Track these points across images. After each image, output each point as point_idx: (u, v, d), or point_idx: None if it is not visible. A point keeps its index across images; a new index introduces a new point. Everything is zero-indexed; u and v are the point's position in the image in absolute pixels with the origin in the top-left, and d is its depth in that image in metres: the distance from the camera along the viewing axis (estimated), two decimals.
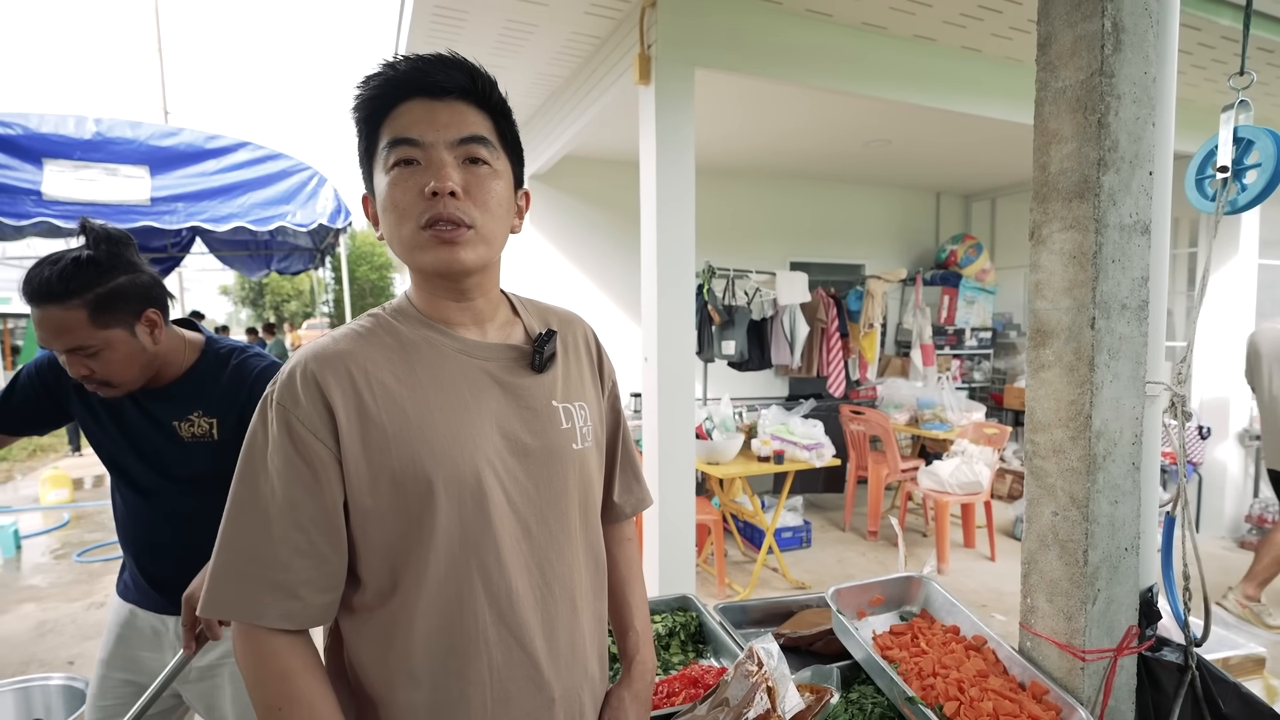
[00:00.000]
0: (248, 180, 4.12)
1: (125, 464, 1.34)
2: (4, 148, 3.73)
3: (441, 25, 3.01)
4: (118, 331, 1.18)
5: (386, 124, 0.74)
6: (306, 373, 0.72)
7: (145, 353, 1.23)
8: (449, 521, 0.72)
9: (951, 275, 5.94)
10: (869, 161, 5.18)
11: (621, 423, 0.99)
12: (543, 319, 0.90)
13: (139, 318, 1.21)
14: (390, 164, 0.72)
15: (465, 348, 0.79)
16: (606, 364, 0.97)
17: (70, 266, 1.14)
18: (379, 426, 0.71)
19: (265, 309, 23.25)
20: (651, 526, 2.84)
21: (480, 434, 0.75)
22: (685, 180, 2.70)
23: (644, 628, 0.98)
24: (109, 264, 1.18)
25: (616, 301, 5.06)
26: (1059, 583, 1.12)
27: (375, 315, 0.80)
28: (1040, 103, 1.14)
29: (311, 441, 0.70)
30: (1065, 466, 1.10)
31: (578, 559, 0.84)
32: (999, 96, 3.40)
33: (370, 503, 0.72)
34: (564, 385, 0.85)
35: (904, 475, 4.40)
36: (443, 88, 0.73)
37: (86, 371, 1.20)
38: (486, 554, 0.74)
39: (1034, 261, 1.16)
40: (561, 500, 0.81)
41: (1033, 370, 1.16)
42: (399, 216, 0.73)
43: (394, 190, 0.72)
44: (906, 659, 1.18)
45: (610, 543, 0.99)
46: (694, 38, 2.69)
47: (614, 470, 0.98)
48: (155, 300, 1.24)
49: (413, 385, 0.74)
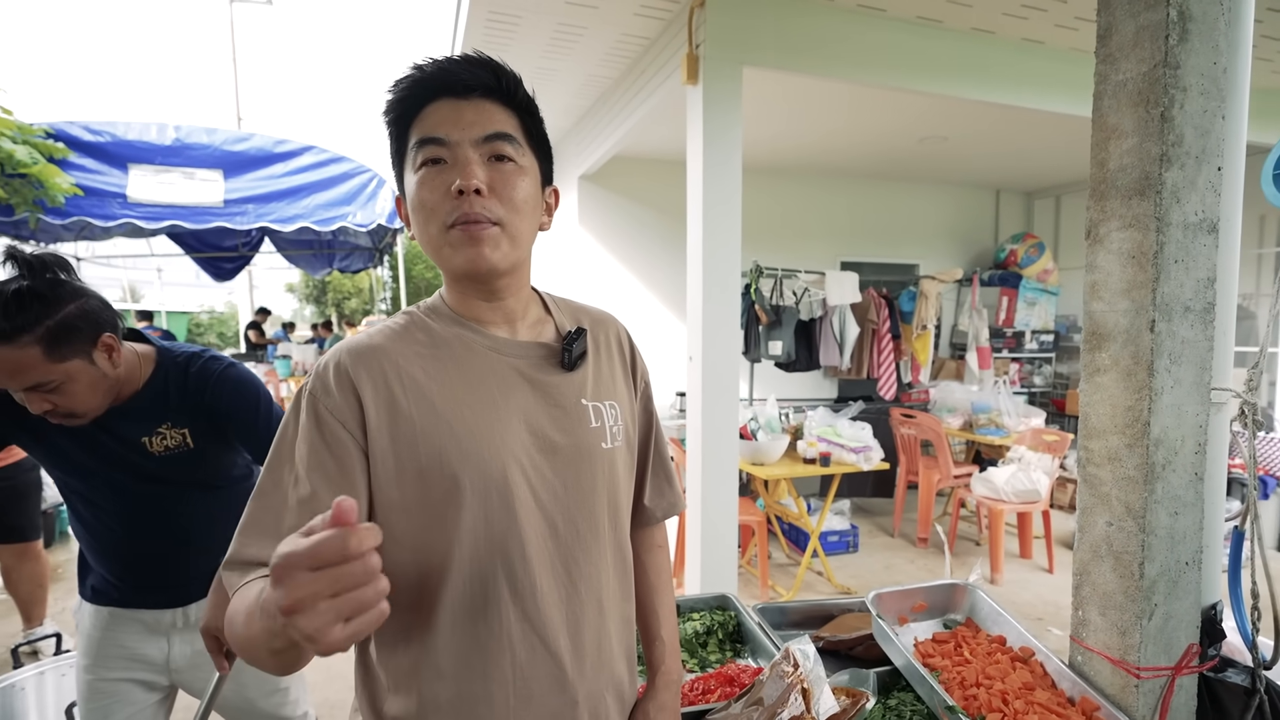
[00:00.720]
0: (312, 183, 4.31)
1: (93, 483, 1.29)
2: (94, 154, 4.01)
3: (495, 30, 3.09)
4: (76, 363, 1.12)
5: (415, 125, 0.74)
6: (340, 366, 0.73)
7: (107, 378, 1.19)
8: (474, 517, 0.73)
9: (1011, 276, 5.72)
10: (924, 158, 5.04)
11: (654, 424, 0.97)
12: (574, 317, 0.90)
13: (95, 344, 1.16)
14: (418, 164, 0.74)
15: (495, 345, 0.79)
16: (640, 364, 0.96)
17: (12, 302, 1.05)
18: (408, 420, 0.72)
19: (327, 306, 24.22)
20: (694, 526, 2.84)
21: (508, 431, 0.75)
22: (732, 182, 2.69)
23: (671, 637, 0.97)
24: (53, 294, 1.10)
25: (664, 300, 5.07)
26: (1113, 596, 1.08)
27: (410, 313, 0.81)
28: (1099, 96, 1.10)
29: (338, 430, 0.71)
30: (1121, 475, 1.06)
31: (605, 559, 0.83)
32: (1063, 90, 3.26)
33: (396, 495, 0.72)
34: (594, 384, 0.85)
35: (956, 481, 4.27)
36: (467, 86, 0.73)
37: (49, 406, 1.14)
38: (511, 551, 0.74)
39: (1090, 262, 1.11)
40: (590, 499, 0.81)
41: (1087, 374, 1.12)
42: (427, 215, 0.74)
43: (421, 189, 0.73)
44: (949, 667, 1.16)
45: (640, 548, 0.98)
46: (742, 37, 2.67)
47: (645, 472, 0.96)
48: (107, 324, 1.18)
49: (442, 381, 0.75)
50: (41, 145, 3.77)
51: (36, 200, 3.80)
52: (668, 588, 1.01)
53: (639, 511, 0.96)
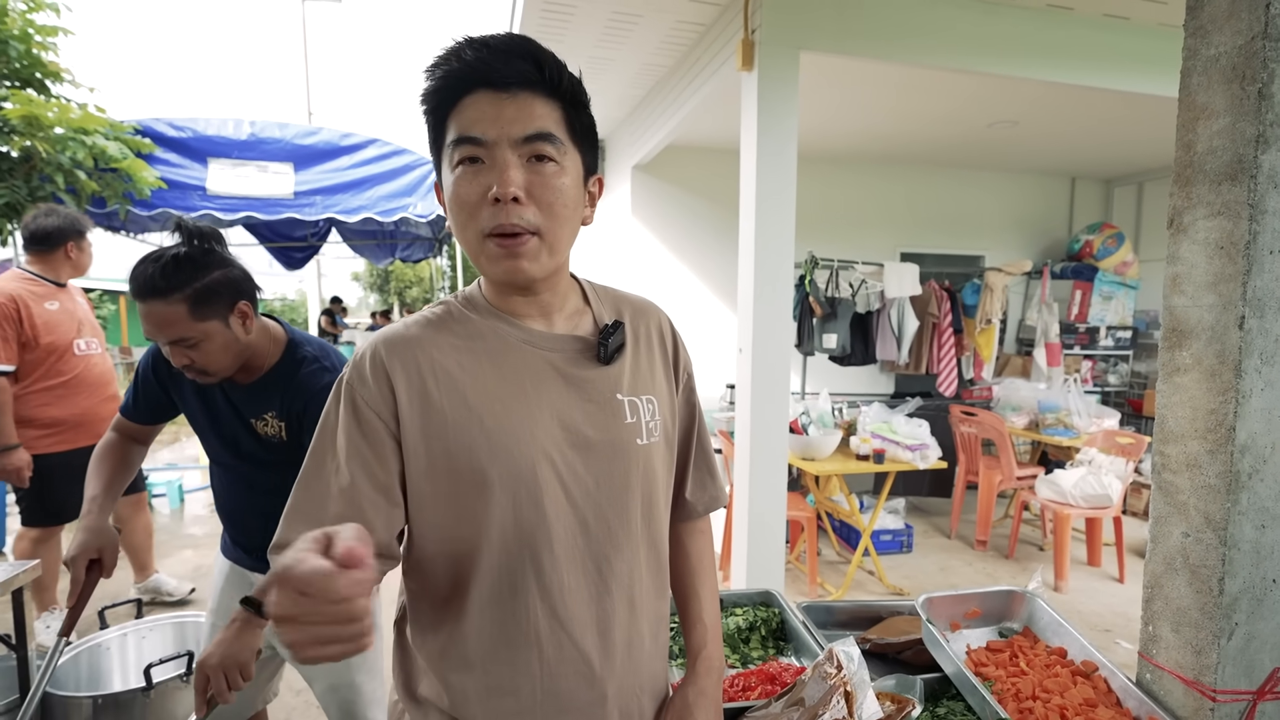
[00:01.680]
0: (376, 175, 4.45)
1: (211, 444, 1.47)
2: (177, 149, 4.26)
3: (550, 21, 3.10)
4: (214, 323, 1.26)
5: (453, 117, 0.71)
6: (375, 356, 0.74)
7: (238, 342, 1.31)
8: (503, 513, 0.72)
9: (1086, 268, 5.40)
10: (992, 144, 4.80)
11: (696, 417, 0.95)
12: (615, 308, 0.88)
13: (232, 310, 1.29)
14: (455, 162, 0.71)
15: (531, 338, 0.78)
16: (683, 355, 0.93)
17: (170, 263, 1.22)
18: (439, 412, 0.72)
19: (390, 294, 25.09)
20: (740, 519, 2.81)
21: (539, 426, 0.74)
22: (787, 172, 2.63)
23: (713, 622, 0.94)
24: (204, 260, 1.26)
25: (716, 291, 5.02)
26: (1187, 612, 1.00)
27: (447, 303, 0.81)
28: (1187, 73, 1.01)
29: (373, 419, 0.72)
30: (1200, 483, 0.98)
31: (638, 557, 0.81)
32: (1149, 68, 3.04)
33: (427, 487, 0.73)
34: (631, 377, 0.83)
35: (1020, 483, 4.08)
36: (508, 80, 0.69)
37: (187, 361, 1.28)
38: (540, 547, 0.73)
39: (1172, 253, 1.03)
40: (623, 496, 0.79)
41: (1165, 374, 1.05)
42: (465, 217, 0.72)
43: (459, 189, 0.71)
44: (1003, 678, 1.11)
45: (683, 534, 0.96)
46: (800, 21, 2.60)
47: (686, 466, 0.94)
48: (246, 293, 1.32)
49: (475, 374, 0.75)
50: (131, 141, 4.02)
51: (126, 193, 4.06)
52: (710, 572, 0.99)
53: (680, 505, 0.94)
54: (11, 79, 3.95)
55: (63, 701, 1.83)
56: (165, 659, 1.92)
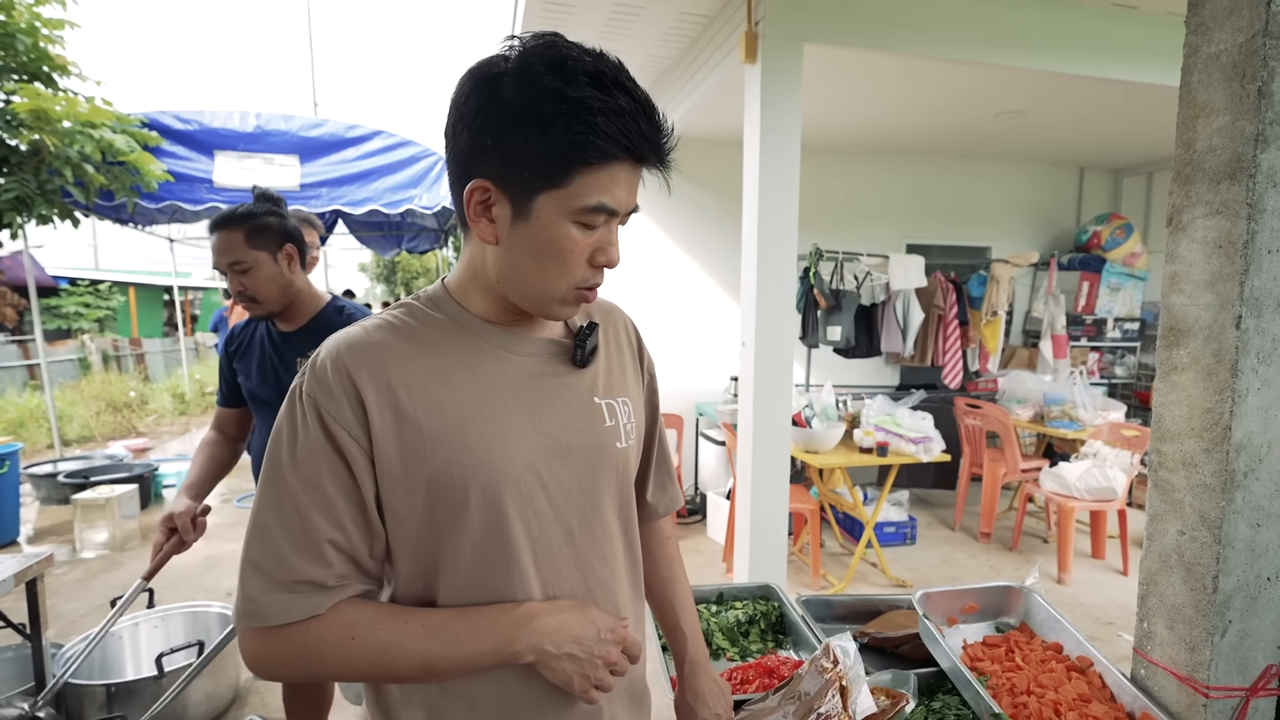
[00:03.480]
0: (381, 166, 4.45)
1: (262, 395, 1.67)
2: (184, 141, 4.27)
3: (553, 13, 3.09)
4: (263, 254, 1.56)
5: (598, 171, 0.64)
6: (339, 366, 0.67)
7: (282, 278, 1.59)
8: (486, 528, 0.69)
9: (1093, 259, 5.36)
10: (998, 135, 4.76)
11: (658, 418, 0.94)
12: (584, 311, 0.84)
13: (280, 249, 1.58)
14: (578, 217, 0.66)
15: (505, 343, 0.74)
16: (646, 356, 0.92)
17: (239, 207, 1.57)
18: (414, 427, 0.67)
19: (397, 285, 25.15)
20: (743, 512, 2.83)
21: (520, 434, 0.71)
22: (790, 166, 2.62)
23: (692, 627, 0.97)
24: (262, 210, 1.58)
25: (719, 283, 5.01)
26: (1181, 609, 1.01)
27: (410, 305, 0.75)
28: (1188, 70, 1.01)
29: (343, 437, 0.65)
30: (1196, 481, 0.99)
31: (619, 562, 0.80)
32: (1158, 59, 3.00)
33: (404, 506, 0.68)
34: (606, 380, 0.81)
35: (1024, 476, 4.08)
36: (650, 159, 0.67)
37: (240, 287, 1.56)
38: (525, 560, 0.70)
39: (1171, 251, 1.03)
40: (603, 502, 0.78)
41: (1163, 373, 1.05)
42: (560, 269, 0.68)
43: (573, 243, 0.67)
44: (998, 673, 1.12)
45: (651, 542, 0.97)
46: (803, 11, 2.58)
47: (648, 468, 0.94)
48: (293, 239, 1.61)
49: (450, 383, 0.70)
50: (138, 134, 4.04)
51: (133, 186, 4.08)
52: (682, 578, 1.01)
53: (641, 506, 0.93)
54: (19, 73, 3.97)
55: (77, 690, 1.87)
56: (176, 648, 1.96)
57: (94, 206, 4.29)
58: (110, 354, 10.40)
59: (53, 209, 4.03)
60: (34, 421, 6.90)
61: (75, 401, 7.60)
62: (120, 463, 5.26)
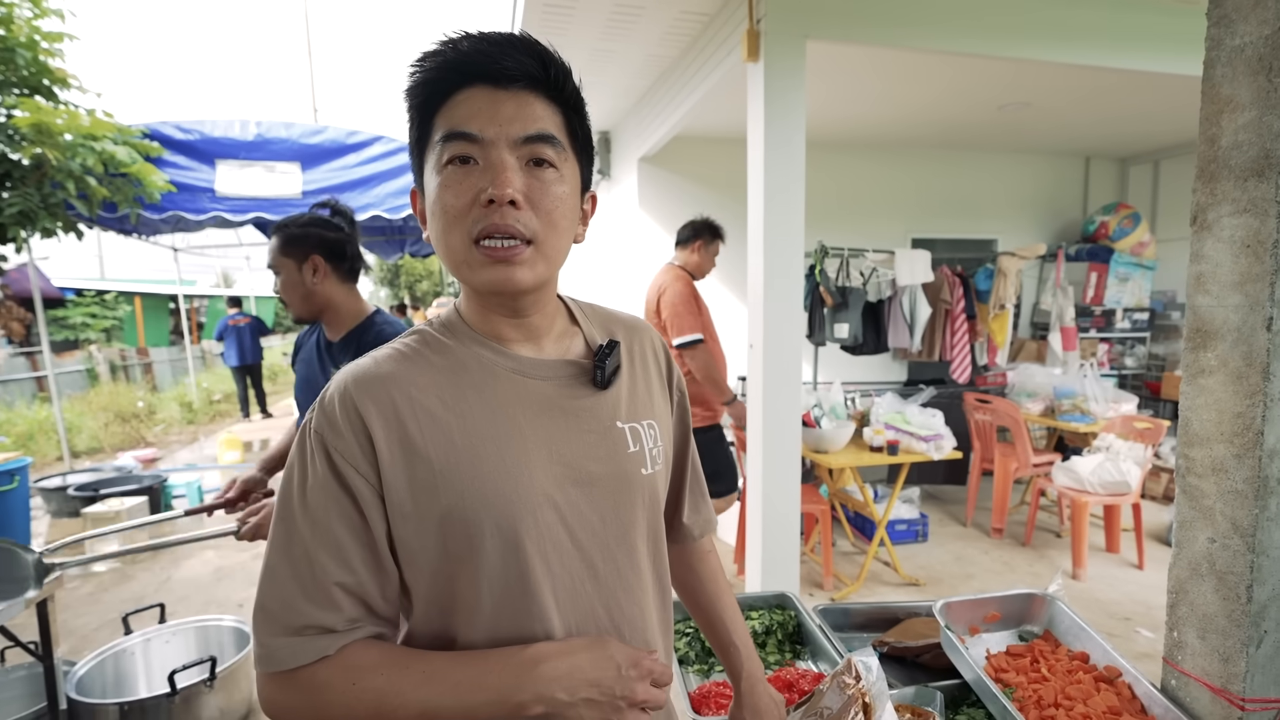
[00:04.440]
0: (382, 171, 4.44)
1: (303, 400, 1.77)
2: (185, 151, 4.26)
3: (553, 14, 3.06)
4: (289, 261, 1.63)
5: (442, 113, 0.64)
6: (345, 399, 0.64)
7: (303, 286, 1.64)
8: (504, 562, 0.65)
9: (1101, 250, 5.31)
10: (1003, 126, 4.72)
11: (689, 439, 0.90)
12: (605, 327, 0.81)
13: (306, 258, 1.63)
14: (444, 161, 0.64)
15: (520, 366, 0.70)
16: (676, 374, 0.87)
17: (297, 216, 1.66)
18: (425, 460, 0.64)
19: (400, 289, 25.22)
20: (755, 515, 2.80)
21: (536, 465, 0.67)
22: (794, 166, 2.59)
23: (744, 641, 0.93)
24: (304, 219, 1.65)
25: (725, 282, 4.98)
26: (1214, 619, 0.98)
27: (422, 332, 0.73)
28: (1210, 64, 0.98)
29: (351, 474, 0.63)
30: (1227, 488, 0.96)
31: (647, 596, 0.76)
32: (1167, 47, 2.96)
33: (415, 543, 0.65)
34: (630, 402, 0.76)
35: (1036, 470, 4.04)
36: (508, 74, 0.63)
37: (277, 289, 1.66)
38: (545, 596, 0.66)
39: (1195, 251, 1.00)
40: (630, 533, 0.73)
41: (1190, 376, 1.02)
42: (449, 223, 0.64)
43: (445, 193, 0.64)
44: (1024, 684, 1.09)
45: (693, 559, 0.94)
46: (805, 9, 2.55)
47: (682, 489, 0.90)
48: (324, 252, 1.65)
49: (461, 412, 0.66)
50: (140, 145, 4.03)
51: (136, 197, 4.08)
52: (728, 592, 0.97)
53: (677, 529, 0.91)
54: (20, 86, 3.97)
55: (89, 708, 1.86)
56: (189, 664, 1.95)
57: (97, 218, 4.29)
58: (118, 364, 10.44)
59: (56, 222, 4.03)
60: (43, 434, 6.93)
61: (84, 413, 7.63)
62: (129, 474, 5.26)
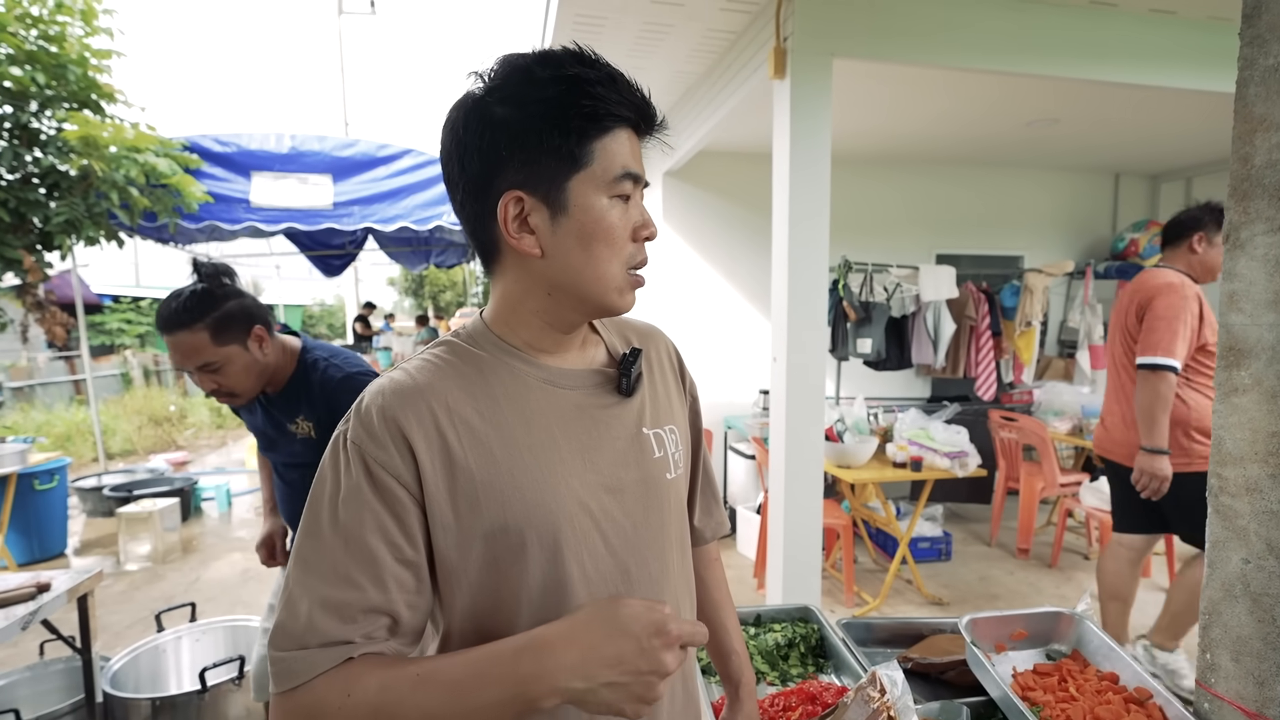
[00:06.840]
0: (411, 184, 4.54)
1: (269, 455, 1.67)
2: (222, 163, 4.41)
3: (583, 31, 3.13)
4: (234, 348, 1.41)
5: (605, 143, 0.65)
6: (384, 410, 0.64)
7: (258, 363, 1.45)
8: (543, 574, 0.66)
9: (1131, 267, 5.22)
10: (1031, 143, 4.69)
11: (701, 442, 0.92)
12: (623, 335, 0.83)
13: (249, 334, 1.43)
14: (614, 192, 0.67)
15: (550, 376, 0.72)
16: (689, 378, 0.90)
17: (190, 298, 1.36)
18: (467, 473, 0.64)
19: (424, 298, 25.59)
20: (776, 529, 2.79)
21: (572, 473, 0.68)
22: (820, 183, 2.60)
23: (742, 649, 0.97)
24: (220, 292, 1.40)
25: (748, 296, 4.99)
26: (1248, 641, 0.97)
27: (451, 343, 0.73)
28: (1243, 84, 0.98)
29: (393, 485, 0.63)
30: (1262, 508, 0.95)
31: (681, 598, 0.78)
32: (1198, 64, 2.94)
33: (457, 556, 0.65)
34: (653, 409, 0.78)
35: (1063, 490, 3.97)
36: (650, 127, 0.70)
37: (214, 386, 1.43)
38: (581, 602, 0.67)
39: (1229, 269, 1.00)
40: (659, 537, 0.75)
41: (1223, 394, 1.01)
42: (611, 251, 0.67)
43: (615, 219, 0.67)
44: (1051, 703, 1.09)
45: (699, 565, 0.95)
46: (833, 26, 2.57)
47: (694, 492, 0.91)
48: (259, 318, 1.46)
49: (498, 423, 0.67)
50: (180, 158, 4.18)
51: (175, 208, 4.22)
52: (729, 599, 1.01)
53: (689, 531, 0.91)
54: (70, 101, 4.14)
55: (122, 703, 1.91)
56: (219, 662, 1.99)
57: (138, 228, 4.43)
58: (151, 369, 10.72)
59: (100, 230, 4.17)
60: (80, 435, 7.12)
61: (118, 416, 7.84)
62: (161, 476, 5.40)
